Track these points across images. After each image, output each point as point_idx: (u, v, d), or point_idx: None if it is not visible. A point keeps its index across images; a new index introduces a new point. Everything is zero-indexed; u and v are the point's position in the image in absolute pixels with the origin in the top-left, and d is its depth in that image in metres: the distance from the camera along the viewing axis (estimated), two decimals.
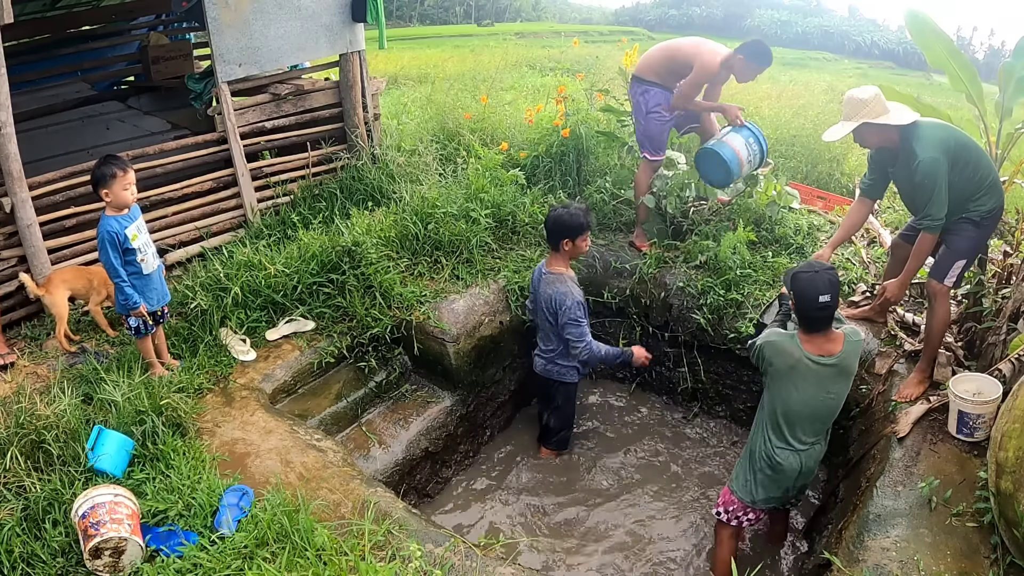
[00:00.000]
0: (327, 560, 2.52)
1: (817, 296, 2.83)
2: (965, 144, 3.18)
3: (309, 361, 3.98)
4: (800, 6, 41.26)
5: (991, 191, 3.21)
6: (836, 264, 4.53)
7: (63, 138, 5.94)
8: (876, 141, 3.35)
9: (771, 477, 3.10)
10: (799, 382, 2.95)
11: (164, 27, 7.39)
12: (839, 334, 2.98)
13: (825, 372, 2.94)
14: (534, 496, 4.03)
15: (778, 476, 3.09)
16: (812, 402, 2.98)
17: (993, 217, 3.28)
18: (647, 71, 4.62)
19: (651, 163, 4.77)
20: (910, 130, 3.20)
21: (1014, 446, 2.37)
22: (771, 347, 3.00)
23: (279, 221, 5.11)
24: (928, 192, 3.14)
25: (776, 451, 3.06)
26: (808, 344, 2.94)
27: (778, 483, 3.11)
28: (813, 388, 2.96)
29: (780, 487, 3.13)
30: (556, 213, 3.91)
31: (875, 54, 33.33)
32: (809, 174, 6.11)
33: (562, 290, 3.86)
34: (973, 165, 3.16)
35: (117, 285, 3.36)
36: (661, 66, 4.57)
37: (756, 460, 3.14)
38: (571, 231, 3.85)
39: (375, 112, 5.85)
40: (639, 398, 4.85)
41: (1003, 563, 2.46)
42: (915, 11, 3.64)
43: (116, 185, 3.25)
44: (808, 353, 2.93)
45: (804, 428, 3.02)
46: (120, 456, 2.94)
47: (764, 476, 3.12)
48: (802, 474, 3.10)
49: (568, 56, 12.62)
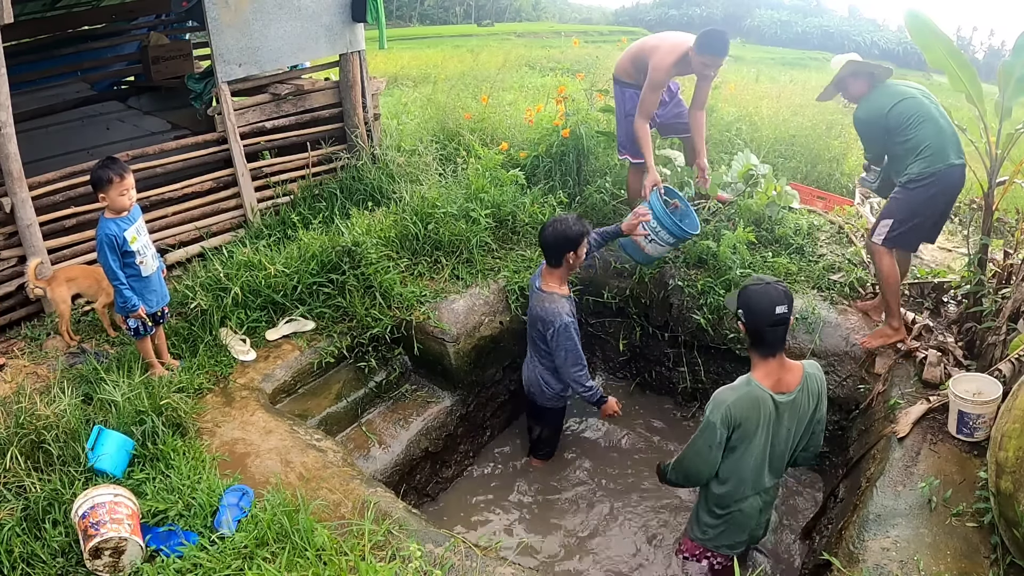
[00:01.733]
0: (327, 560, 2.52)
1: (773, 307, 2.56)
2: (908, 104, 3.55)
3: (309, 361, 3.97)
4: (800, 6, 41.29)
5: (924, 156, 3.50)
6: (836, 264, 4.53)
7: (63, 138, 5.95)
8: (857, 92, 3.75)
9: (731, 520, 2.89)
10: (764, 431, 2.68)
11: (164, 27, 7.39)
12: (796, 365, 2.71)
13: (787, 410, 2.69)
14: (534, 496, 4.03)
15: (743, 519, 2.88)
16: (778, 446, 2.76)
17: (924, 184, 3.52)
18: (621, 71, 4.57)
19: (637, 166, 4.73)
20: (875, 86, 3.71)
21: (1014, 446, 2.37)
22: (737, 405, 2.62)
23: (279, 221, 5.11)
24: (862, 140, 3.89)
25: (734, 502, 2.84)
26: (765, 379, 2.65)
27: (742, 526, 2.91)
28: (781, 433, 2.72)
29: (744, 530, 2.93)
30: (555, 228, 3.66)
31: (875, 54, 33.34)
32: (809, 174, 6.11)
33: (551, 309, 3.67)
34: (907, 132, 3.53)
35: (116, 288, 3.35)
36: (631, 65, 4.50)
37: (710, 508, 2.90)
38: (573, 242, 3.65)
39: (375, 112, 5.85)
40: (639, 398, 4.85)
41: (1003, 563, 2.46)
42: (915, 11, 3.64)
43: (112, 191, 3.21)
44: (768, 391, 2.64)
45: (766, 474, 2.81)
46: (120, 456, 2.93)
47: (722, 521, 2.90)
48: (764, 511, 2.93)
49: (568, 56, 12.63)
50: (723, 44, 4.10)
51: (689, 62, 4.20)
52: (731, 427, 2.66)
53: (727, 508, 2.86)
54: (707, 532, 2.96)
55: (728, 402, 2.64)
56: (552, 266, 3.76)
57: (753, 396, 2.64)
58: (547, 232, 3.69)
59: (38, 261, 3.89)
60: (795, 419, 2.75)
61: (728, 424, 2.65)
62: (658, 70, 4.18)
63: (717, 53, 4.09)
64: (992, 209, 3.70)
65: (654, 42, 4.36)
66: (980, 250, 3.71)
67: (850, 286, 4.31)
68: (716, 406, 2.66)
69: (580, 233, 3.67)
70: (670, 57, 4.16)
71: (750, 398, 2.64)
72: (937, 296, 4.16)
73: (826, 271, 4.48)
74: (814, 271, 4.48)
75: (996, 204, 3.73)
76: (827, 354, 3.96)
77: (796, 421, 2.76)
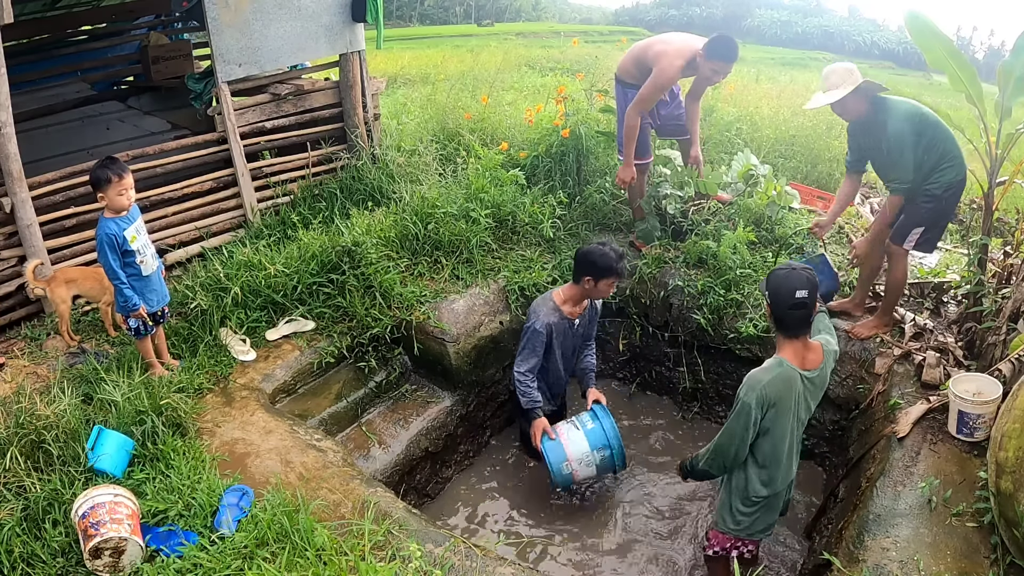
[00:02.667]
0: (327, 560, 2.52)
1: (793, 291, 2.64)
2: (927, 118, 3.50)
3: (309, 361, 3.97)
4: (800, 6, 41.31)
5: (953, 164, 3.49)
6: (837, 264, 4.53)
7: (63, 138, 5.95)
8: (855, 111, 3.63)
9: (767, 505, 2.92)
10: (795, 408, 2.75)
11: (164, 27, 7.39)
12: (816, 344, 2.81)
13: (811, 387, 2.78)
14: (534, 496, 4.03)
15: (773, 500, 2.92)
16: (802, 424, 2.84)
17: (954, 191, 3.56)
18: (624, 72, 4.57)
19: (641, 167, 4.74)
20: (881, 102, 3.56)
21: (1014, 446, 2.37)
22: (771, 385, 2.68)
23: (279, 221, 5.11)
24: (896, 158, 3.50)
25: (767, 484, 2.85)
26: (793, 359, 2.74)
27: (773, 507, 2.95)
28: (803, 411, 2.80)
29: (776, 511, 2.98)
30: (590, 248, 3.56)
31: (875, 54, 33.37)
32: (809, 174, 6.11)
33: (535, 309, 3.67)
34: (936, 139, 3.47)
35: (116, 287, 3.35)
36: (633, 66, 4.50)
37: (747, 496, 2.89)
38: (596, 271, 3.51)
39: (375, 112, 5.85)
40: (639, 398, 4.85)
41: (1003, 563, 2.46)
42: (915, 12, 3.64)
43: (111, 190, 3.22)
44: (797, 369, 2.72)
45: (790, 454, 2.85)
46: (120, 456, 2.93)
47: (759, 508, 2.91)
48: (790, 487, 2.99)
49: (568, 56, 12.63)
50: (733, 51, 4.13)
51: (696, 66, 4.22)
52: (765, 408, 2.70)
53: (765, 495, 2.88)
54: (742, 521, 2.96)
55: (764, 382, 2.69)
56: (573, 280, 3.69)
57: (786, 376, 2.71)
58: (583, 248, 3.64)
59: (37, 262, 3.89)
60: (817, 394, 2.84)
61: (763, 405, 2.69)
62: (665, 74, 4.18)
63: (727, 60, 4.12)
64: (992, 209, 3.70)
65: (660, 46, 4.34)
66: (980, 250, 3.71)
67: (850, 286, 4.30)
68: (751, 387, 2.70)
69: (608, 267, 3.49)
70: (679, 61, 4.17)
71: (783, 378, 2.70)
72: (937, 296, 4.17)
73: None
74: None
75: (996, 204, 3.74)
76: None
77: (818, 398, 2.86)
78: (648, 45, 4.49)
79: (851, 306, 4.09)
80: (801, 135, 6.43)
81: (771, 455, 2.80)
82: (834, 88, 3.56)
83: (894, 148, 3.49)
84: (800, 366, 2.74)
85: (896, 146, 3.49)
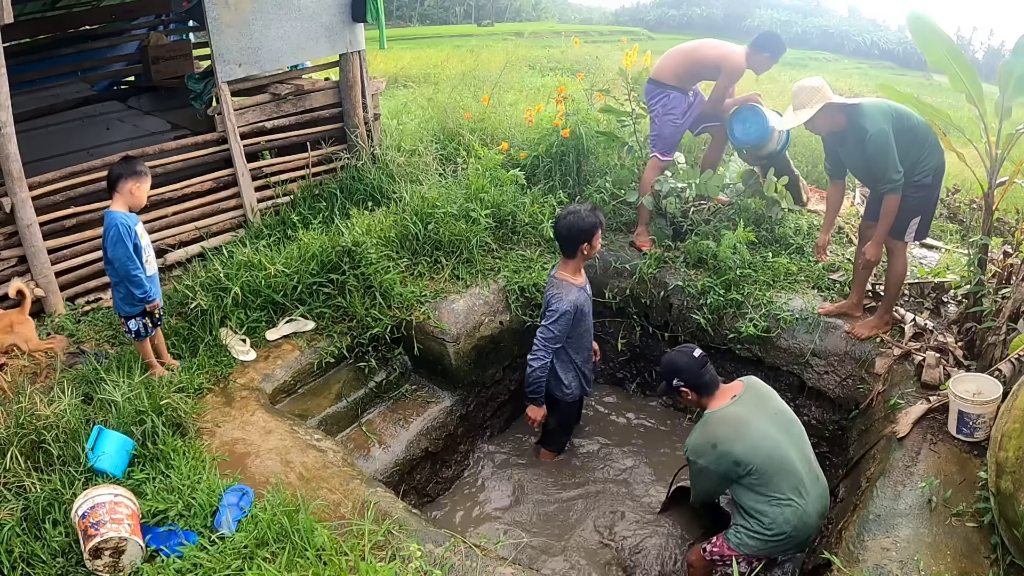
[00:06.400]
0: (327, 560, 2.52)
1: (692, 352, 2.98)
2: (900, 110, 3.57)
3: (309, 361, 3.97)
4: (800, 6, 41.34)
5: (933, 148, 3.58)
6: (836, 265, 4.53)
7: (63, 138, 5.94)
8: (827, 125, 3.66)
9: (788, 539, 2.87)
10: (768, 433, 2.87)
11: (164, 27, 7.39)
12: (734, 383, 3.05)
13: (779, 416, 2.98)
14: (534, 496, 4.02)
15: (796, 535, 2.85)
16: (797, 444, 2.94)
17: (939, 173, 3.65)
18: (667, 74, 4.68)
19: (661, 162, 4.84)
20: (855, 110, 3.57)
21: (1014, 446, 2.37)
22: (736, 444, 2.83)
23: (279, 221, 5.11)
24: (883, 159, 3.51)
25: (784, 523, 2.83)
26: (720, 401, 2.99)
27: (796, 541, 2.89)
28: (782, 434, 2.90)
29: (797, 542, 2.91)
30: (568, 220, 3.66)
31: (875, 54, 33.39)
32: (809, 174, 6.11)
33: (557, 295, 3.71)
34: (913, 129, 3.54)
35: (134, 279, 3.30)
36: (682, 68, 4.65)
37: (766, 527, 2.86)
38: (587, 233, 3.67)
39: (375, 112, 5.86)
40: (639, 398, 4.85)
41: (1003, 563, 2.46)
42: (918, 13, 3.66)
43: (144, 184, 3.33)
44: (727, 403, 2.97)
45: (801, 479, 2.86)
46: (120, 456, 2.94)
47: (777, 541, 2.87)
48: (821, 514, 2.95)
49: (568, 56, 12.62)
50: (783, 43, 4.51)
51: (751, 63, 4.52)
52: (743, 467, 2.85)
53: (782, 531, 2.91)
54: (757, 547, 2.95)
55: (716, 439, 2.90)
56: (567, 257, 3.79)
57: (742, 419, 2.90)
58: (561, 224, 3.70)
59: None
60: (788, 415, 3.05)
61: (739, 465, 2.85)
62: (736, 70, 4.55)
63: (781, 51, 4.52)
64: (992, 209, 3.70)
65: (713, 48, 4.63)
66: (980, 250, 3.71)
67: (850, 285, 4.30)
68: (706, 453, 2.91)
69: (594, 224, 3.68)
70: (741, 57, 4.50)
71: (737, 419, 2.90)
72: (937, 296, 4.17)
73: (826, 271, 4.48)
74: (814, 271, 4.48)
75: (996, 204, 3.74)
76: (827, 354, 3.96)
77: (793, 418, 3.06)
78: (696, 49, 4.72)
79: (849, 307, 4.08)
80: (801, 135, 6.41)
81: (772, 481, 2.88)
82: (801, 108, 3.60)
83: (880, 149, 3.49)
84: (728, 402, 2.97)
85: (881, 149, 3.49)
